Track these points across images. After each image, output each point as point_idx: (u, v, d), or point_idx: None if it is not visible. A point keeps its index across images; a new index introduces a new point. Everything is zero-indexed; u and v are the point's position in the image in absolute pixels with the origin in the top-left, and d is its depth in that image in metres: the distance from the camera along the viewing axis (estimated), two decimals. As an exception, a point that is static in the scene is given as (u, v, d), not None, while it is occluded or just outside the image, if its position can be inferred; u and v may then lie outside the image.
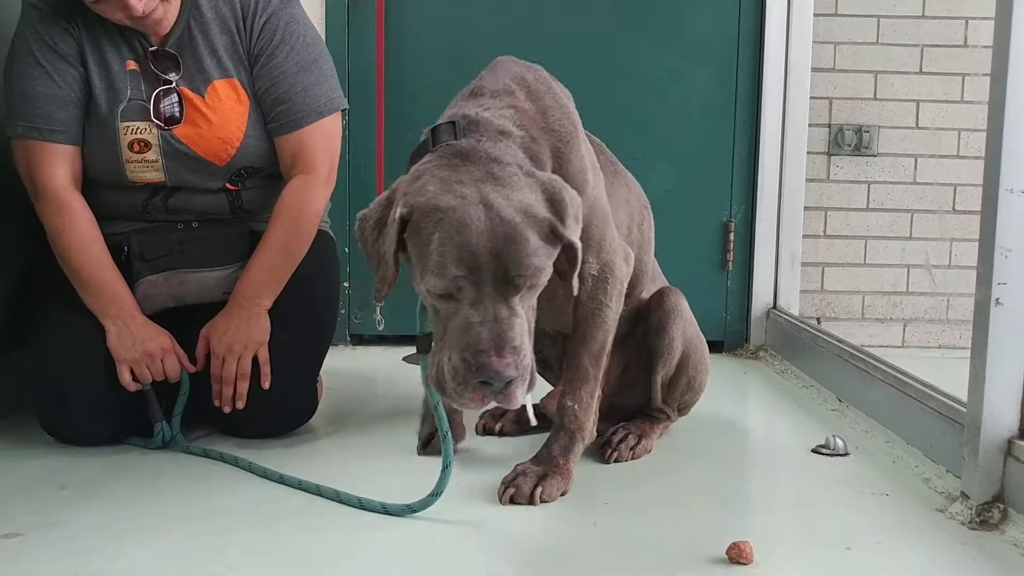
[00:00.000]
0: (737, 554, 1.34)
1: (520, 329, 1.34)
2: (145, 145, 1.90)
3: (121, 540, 1.41)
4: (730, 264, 3.08)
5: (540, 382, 1.58)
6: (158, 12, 1.84)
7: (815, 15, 3.05)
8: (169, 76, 1.92)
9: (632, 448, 1.84)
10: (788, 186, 3.05)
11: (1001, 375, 1.52)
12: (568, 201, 1.44)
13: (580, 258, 1.46)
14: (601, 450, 1.83)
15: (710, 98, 3.03)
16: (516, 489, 1.58)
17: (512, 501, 1.57)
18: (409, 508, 1.52)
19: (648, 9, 3.00)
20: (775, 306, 3.07)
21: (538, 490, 1.58)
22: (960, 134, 3.24)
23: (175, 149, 1.91)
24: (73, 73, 1.88)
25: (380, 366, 2.79)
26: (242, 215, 2.04)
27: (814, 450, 1.93)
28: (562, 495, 1.62)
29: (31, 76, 1.86)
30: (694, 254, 3.04)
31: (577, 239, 1.44)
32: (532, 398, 1.52)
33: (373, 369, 2.77)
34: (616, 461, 1.82)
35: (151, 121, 1.90)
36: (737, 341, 3.10)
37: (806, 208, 3.12)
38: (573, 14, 2.99)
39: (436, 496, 1.51)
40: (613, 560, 1.38)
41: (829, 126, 3.25)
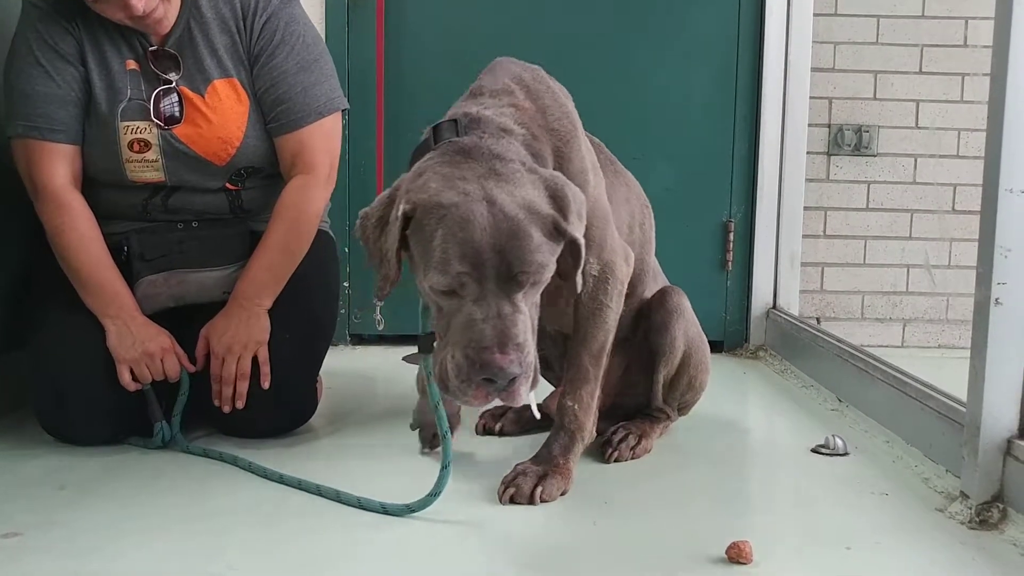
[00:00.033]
0: (737, 554, 1.34)
1: (524, 326, 1.34)
2: (145, 145, 1.90)
3: (121, 540, 1.41)
4: (730, 264, 3.08)
5: (542, 382, 1.57)
6: (158, 12, 1.84)
7: (815, 15, 3.05)
8: (169, 76, 1.92)
9: (632, 448, 1.84)
10: (788, 186, 3.05)
11: (1001, 375, 1.52)
12: (571, 197, 1.43)
13: (584, 255, 1.45)
14: (601, 450, 1.83)
15: (710, 98, 3.03)
16: (516, 489, 1.58)
17: (512, 501, 1.57)
18: (408, 508, 1.52)
19: (648, 9, 3.00)
20: (775, 306, 3.07)
21: (538, 490, 1.58)
22: (960, 134, 3.24)
23: (175, 149, 1.91)
24: (73, 72, 1.88)
25: (380, 366, 2.79)
26: (242, 215, 2.04)
27: (814, 450, 1.93)
28: (562, 495, 1.62)
29: (31, 75, 1.86)
30: (694, 254, 3.04)
31: (580, 236, 1.44)
32: (536, 396, 1.52)
33: (373, 369, 2.76)
34: (616, 461, 1.82)
35: (151, 121, 1.90)
36: (737, 341, 3.10)
37: (806, 208, 3.12)
38: (573, 14, 2.99)
39: (435, 496, 1.51)
40: (613, 560, 1.38)
41: (829, 126, 3.25)
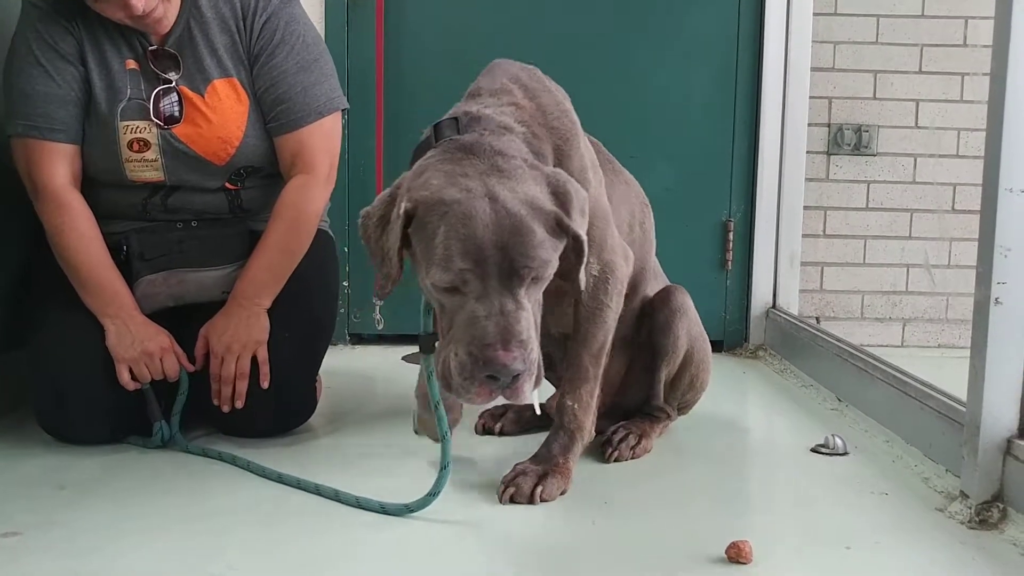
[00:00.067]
0: (736, 553, 1.34)
1: (527, 323, 1.33)
2: (145, 144, 1.90)
3: (121, 540, 1.41)
4: (729, 263, 3.08)
5: (545, 381, 1.57)
6: (158, 11, 1.84)
7: (815, 15, 3.05)
8: (169, 75, 1.91)
9: (632, 448, 1.84)
10: (787, 185, 3.05)
11: (1000, 374, 1.52)
12: (573, 194, 1.43)
13: (587, 252, 1.45)
14: (601, 449, 1.83)
15: (710, 98, 3.03)
16: (516, 488, 1.58)
17: (512, 500, 1.57)
18: (407, 508, 1.52)
19: (648, 9, 3.00)
20: (774, 305, 3.07)
21: (538, 489, 1.58)
22: (959, 134, 3.24)
23: (175, 148, 1.91)
24: (73, 72, 1.88)
25: (379, 365, 2.79)
26: (241, 215, 2.04)
27: (813, 449, 1.93)
28: (562, 494, 1.62)
29: (31, 75, 1.86)
30: (693, 253, 3.03)
31: (583, 232, 1.43)
32: (539, 394, 1.52)
33: (372, 368, 2.76)
34: (616, 460, 1.82)
35: (151, 120, 1.90)
36: (736, 340, 3.10)
37: (805, 207, 3.12)
38: (573, 14, 2.99)
39: (434, 496, 1.51)
40: (613, 560, 1.38)
41: (828, 125, 3.25)
